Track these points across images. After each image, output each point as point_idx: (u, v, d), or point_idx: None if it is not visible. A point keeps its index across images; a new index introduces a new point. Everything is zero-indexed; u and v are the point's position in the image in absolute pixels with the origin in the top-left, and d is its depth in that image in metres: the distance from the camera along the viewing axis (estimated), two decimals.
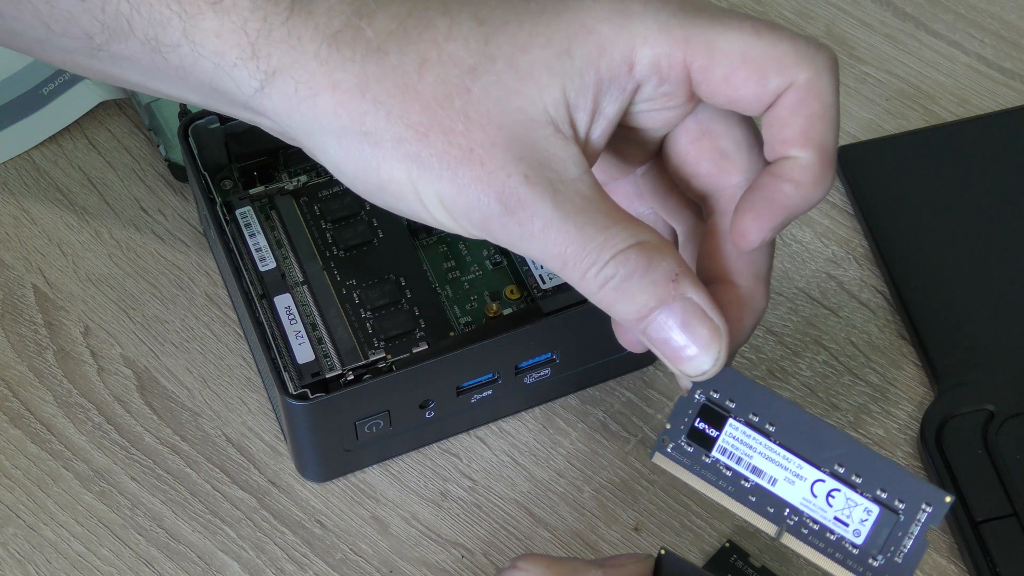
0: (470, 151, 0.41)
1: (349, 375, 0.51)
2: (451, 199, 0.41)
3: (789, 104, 0.42)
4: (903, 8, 0.68)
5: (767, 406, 0.44)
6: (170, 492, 0.55)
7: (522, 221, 0.41)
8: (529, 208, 0.40)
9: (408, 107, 0.41)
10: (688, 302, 0.41)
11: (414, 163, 0.41)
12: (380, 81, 0.41)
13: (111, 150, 0.64)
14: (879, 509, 0.43)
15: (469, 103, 0.41)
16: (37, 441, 0.56)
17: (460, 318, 0.54)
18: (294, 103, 0.42)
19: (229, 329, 0.59)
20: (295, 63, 0.41)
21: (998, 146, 0.63)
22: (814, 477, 0.44)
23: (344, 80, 0.41)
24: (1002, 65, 0.66)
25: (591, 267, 0.41)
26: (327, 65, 0.41)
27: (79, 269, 0.60)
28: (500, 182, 0.40)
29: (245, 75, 0.42)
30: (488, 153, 0.40)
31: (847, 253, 0.61)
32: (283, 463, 0.56)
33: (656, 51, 0.41)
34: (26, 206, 0.62)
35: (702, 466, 0.45)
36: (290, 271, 0.55)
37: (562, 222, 0.41)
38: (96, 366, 0.58)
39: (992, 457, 0.54)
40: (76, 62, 0.45)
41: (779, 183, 0.43)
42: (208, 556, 0.54)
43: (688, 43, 0.41)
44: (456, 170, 0.41)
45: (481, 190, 0.41)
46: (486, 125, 0.41)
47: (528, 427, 0.57)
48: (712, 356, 0.42)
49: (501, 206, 0.41)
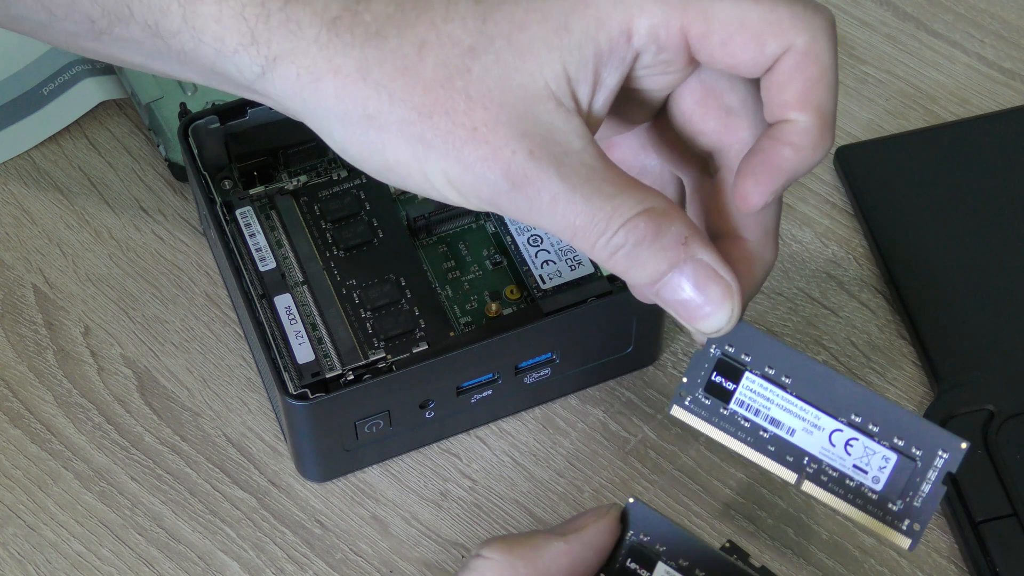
0: (474, 130, 0.41)
1: (349, 375, 0.51)
2: (458, 178, 0.42)
3: (787, 68, 0.42)
4: (903, 8, 0.68)
5: (782, 359, 0.45)
6: (170, 492, 0.55)
7: (530, 196, 0.41)
8: (536, 183, 0.41)
9: (410, 89, 0.41)
10: (699, 263, 0.42)
11: (419, 144, 0.41)
12: (381, 65, 0.41)
13: (111, 150, 0.64)
14: (896, 456, 0.44)
15: (470, 83, 0.41)
16: (37, 441, 0.56)
17: (460, 318, 0.54)
18: (296, 88, 0.42)
19: (229, 329, 0.59)
20: (295, 49, 0.42)
21: (998, 146, 0.63)
22: (832, 427, 0.44)
23: (345, 65, 0.41)
24: (1002, 65, 0.66)
25: (600, 236, 0.41)
26: (327, 50, 0.41)
27: (79, 269, 0.60)
28: (505, 159, 0.41)
29: (246, 60, 0.42)
30: (492, 131, 0.41)
31: (847, 253, 0.61)
32: (283, 463, 0.56)
33: (653, 20, 0.42)
34: (26, 206, 0.62)
35: (720, 418, 0.45)
36: (290, 271, 0.55)
37: (569, 194, 0.41)
38: (96, 366, 0.58)
39: (992, 457, 0.54)
40: (80, 44, 0.45)
41: (778, 146, 0.43)
42: (208, 556, 0.54)
43: (685, 10, 0.42)
44: (461, 150, 0.41)
45: (487, 168, 0.41)
46: (488, 104, 0.41)
47: (528, 427, 0.57)
48: (726, 313, 0.43)
49: (508, 182, 0.41)
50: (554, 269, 0.54)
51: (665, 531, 0.44)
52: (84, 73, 0.64)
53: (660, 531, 0.44)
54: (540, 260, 0.54)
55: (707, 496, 0.55)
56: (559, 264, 0.54)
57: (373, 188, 0.57)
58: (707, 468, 0.55)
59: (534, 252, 0.55)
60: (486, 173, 0.41)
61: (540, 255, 0.55)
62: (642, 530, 0.44)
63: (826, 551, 0.53)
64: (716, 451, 0.56)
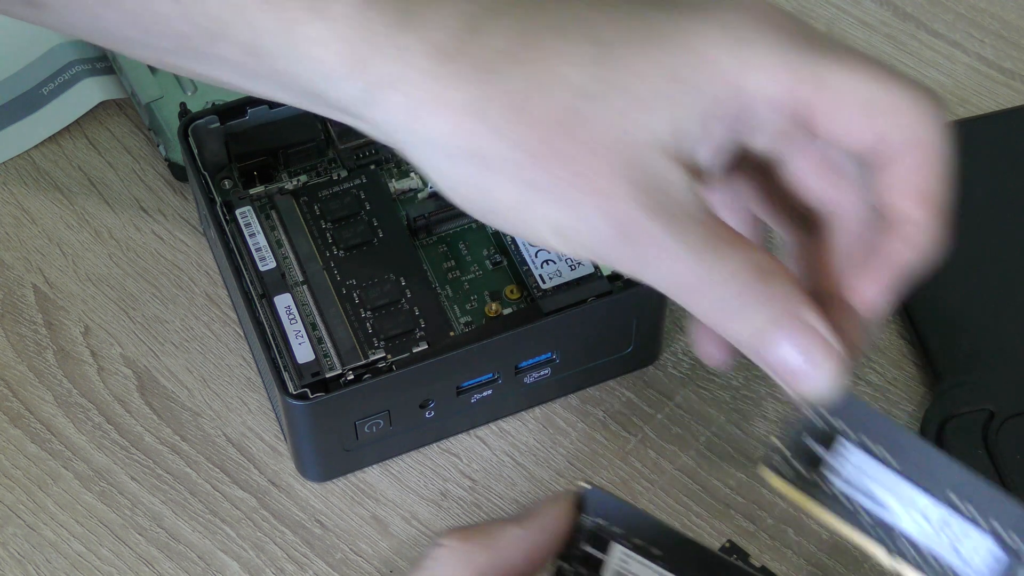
0: (586, 178, 0.40)
1: (349, 375, 0.51)
2: (568, 226, 0.40)
3: (907, 161, 0.41)
4: (903, 8, 0.68)
5: (880, 429, 0.42)
6: (170, 492, 0.55)
7: (639, 249, 0.40)
8: (645, 236, 0.40)
9: (521, 130, 0.40)
10: (804, 325, 0.41)
11: (528, 188, 0.40)
12: (492, 101, 0.40)
13: (111, 150, 0.64)
14: (1007, 558, 0.41)
15: (583, 128, 0.40)
16: (37, 441, 0.56)
17: (460, 318, 0.54)
18: (401, 117, 0.41)
19: (229, 329, 0.59)
20: (403, 77, 0.40)
21: (998, 146, 0.62)
22: (930, 507, 0.42)
23: (455, 99, 0.40)
24: (1002, 65, 0.66)
25: (707, 294, 0.40)
26: (439, 82, 0.40)
27: (79, 269, 0.60)
28: (618, 210, 0.40)
29: (348, 84, 0.41)
30: (607, 181, 0.40)
31: None
32: (283, 463, 0.56)
33: (768, 82, 0.41)
34: (26, 206, 0.62)
35: (810, 484, 0.43)
36: (290, 271, 0.55)
37: (677, 249, 0.40)
38: (96, 366, 0.58)
39: (992, 457, 0.54)
40: (169, 62, 0.44)
41: (895, 245, 0.42)
42: (208, 556, 0.54)
43: (801, 76, 0.41)
44: (572, 197, 0.40)
45: (598, 218, 0.40)
46: (601, 152, 0.40)
47: (528, 427, 0.57)
48: (829, 378, 0.41)
49: (620, 234, 0.40)
50: (554, 269, 0.54)
51: (620, 513, 0.44)
52: (84, 73, 0.64)
53: (615, 513, 0.44)
54: (540, 260, 0.54)
55: (707, 496, 0.55)
56: (559, 264, 0.54)
57: (373, 188, 0.57)
58: (707, 468, 0.55)
59: (534, 252, 0.55)
60: (598, 223, 0.40)
61: (540, 255, 0.54)
62: (598, 514, 0.44)
63: (826, 551, 0.53)
64: (716, 451, 0.56)
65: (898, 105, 0.41)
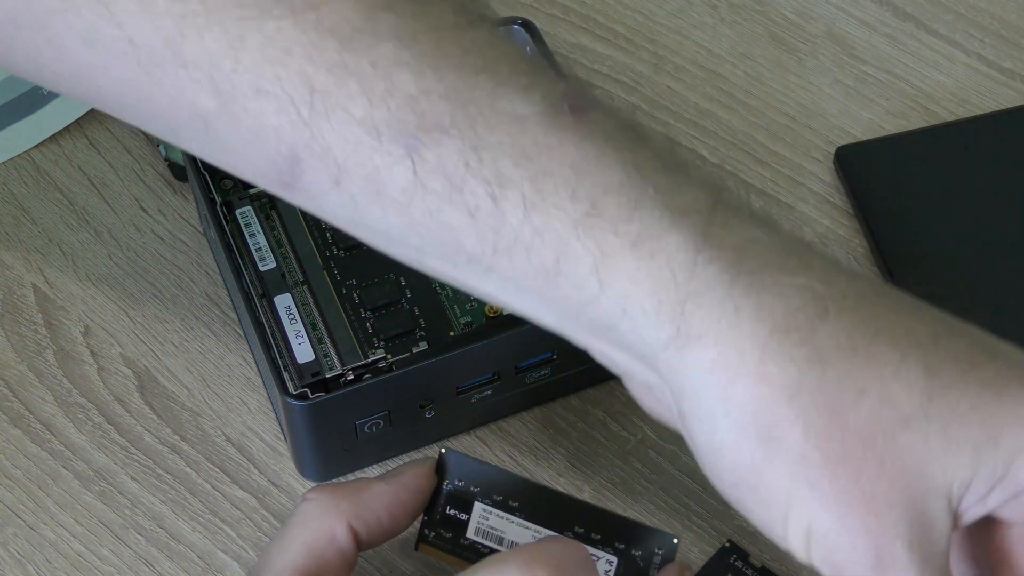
0: (871, 498, 0.39)
1: (349, 375, 0.51)
2: (824, 532, 0.39)
3: None
4: (903, 8, 0.68)
5: None
6: (170, 492, 0.55)
7: (881, 574, 0.39)
8: (897, 567, 0.39)
9: (830, 431, 0.39)
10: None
11: (805, 485, 0.39)
12: (812, 394, 0.38)
13: (111, 150, 0.64)
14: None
15: (891, 450, 0.39)
16: (37, 441, 0.56)
17: (460, 318, 0.54)
18: (701, 374, 0.39)
19: (229, 329, 0.59)
20: (724, 336, 0.39)
21: (998, 146, 0.63)
22: None
23: (776, 377, 0.38)
24: (1002, 65, 0.66)
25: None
26: (765, 354, 0.38)
27: (79, 269, 0.60)
28: (886, 539, 0.39)
29: (653, 327, 0.39)
30: (887, 506, 0.39)
31: (847, 253, 0.61)
32: (283, 463, 0.56)
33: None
34: (26, 206, 0.62)
35: None
36: (290, 271, 0.55)
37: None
38: (96, 366, 0.58)
39: None
40: (433, 266, 0.42)
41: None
42: (208, 556, 0.54)
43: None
44: (847, 510, 0.39)
45: (863, 539, 0.39)
46: (895, 478, 0.39)
47: (528, 427, 0.57)
48: None
49: (874, 560, 0.39)
50: None
51: (477, 472, 0.48)
52: None
53: (472, 473, 0.48)
54: None
55: (707, 496, 0.55)
56: None
57: None
58: None
59: None
60: (858, 542, 0.39)
61: None
62: (456, 476, 0.48)
63: None
64: None
65: None
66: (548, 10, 0.68)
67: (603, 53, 0.67)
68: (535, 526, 0.48)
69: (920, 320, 0.41)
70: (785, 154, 0.64)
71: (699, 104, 0.65)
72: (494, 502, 0.48)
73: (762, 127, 0.65)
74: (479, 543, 0.48)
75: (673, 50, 0.67)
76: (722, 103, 0.65)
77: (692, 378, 0.40)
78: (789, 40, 0.67)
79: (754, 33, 0.68)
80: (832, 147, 0.63)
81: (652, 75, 0.66)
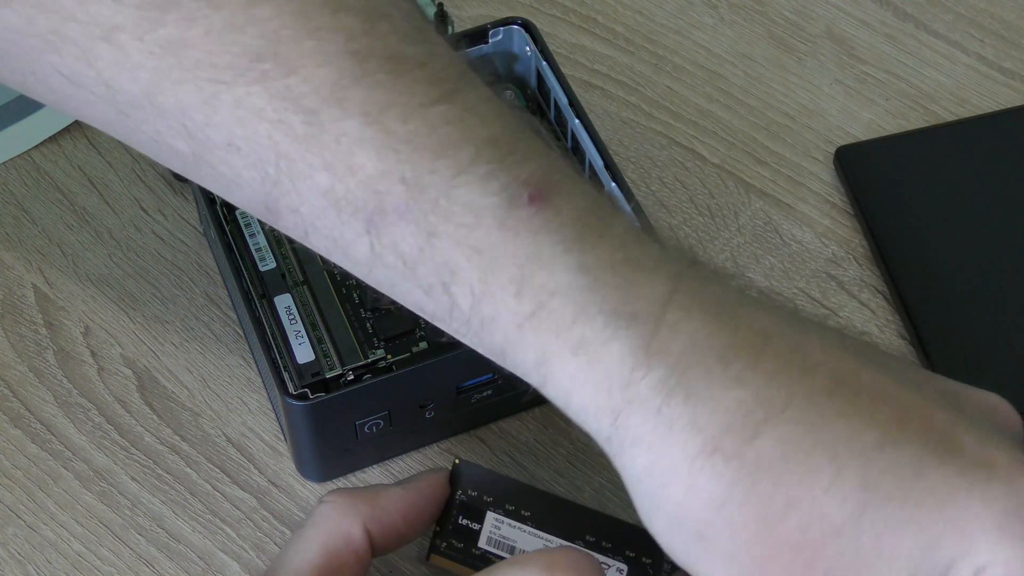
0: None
1: (349, 375, 0.51)
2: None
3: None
4: (903, 8, 0.68)
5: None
6: (170, 492, 0.55)
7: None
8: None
9: (758, 538, 0.39)
10: None
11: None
12: (741, 505, 0.39)
13: (111, 150, 0.64)
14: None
15: (818, 559, 0.39)
16: (37, 441, 0.56)
17: None
18: (637, 474, 0.40)
19: (229, 329, 0.59)
20: (657, 445, 0.40)
21: (998, 146, 0.63)
22: None
23: (705, 488, 0.39)
24: (1002, 65, 0.66)
25: None
26: (693, 466, 0.39)
27: (79, 269, 0.60)
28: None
29: (593, 423, 0.41)
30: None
31: (847, 253, 0.61)
32: (283, 463, 0.56)
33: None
34: (26, 206, 0.62)
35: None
36: (290, 271, 0.55)
37: None
38: (96, 366, 0.58)
39: None
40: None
41: None
42: (208, 556, 0.54)
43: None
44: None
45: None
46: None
47: (528, 427, 0.57)
48: None
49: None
50: None
51: (489, 482, 0.49)
52: None
53: (485, 483, 0.49)
54: None
55: None
56: None
57: None
58: None
59: None
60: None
61: None
62: (469, 486, 0.49)
63: None
64: None
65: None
66: (548, 10, 0.68)
67: (603, 53, 0.67)
68: (547, 535, 0.49)
69: (874, 422, 0.40)
70: (785, 154, 0.64)
71: (699, 104, 0.65)
72: (506, 511, 0.49)
73: (762, 127, 0.65)
74: (491, 552, 0.48)
75: (673, 50, 0.67)
76: (722, 103, 0.65)
77: (630, 470, 0.41)
78: (789, 40, 0.67)
79: (754, 33, 0.68)
80: (832, 147, 0.63)
81: (652, 75, 0.66)
